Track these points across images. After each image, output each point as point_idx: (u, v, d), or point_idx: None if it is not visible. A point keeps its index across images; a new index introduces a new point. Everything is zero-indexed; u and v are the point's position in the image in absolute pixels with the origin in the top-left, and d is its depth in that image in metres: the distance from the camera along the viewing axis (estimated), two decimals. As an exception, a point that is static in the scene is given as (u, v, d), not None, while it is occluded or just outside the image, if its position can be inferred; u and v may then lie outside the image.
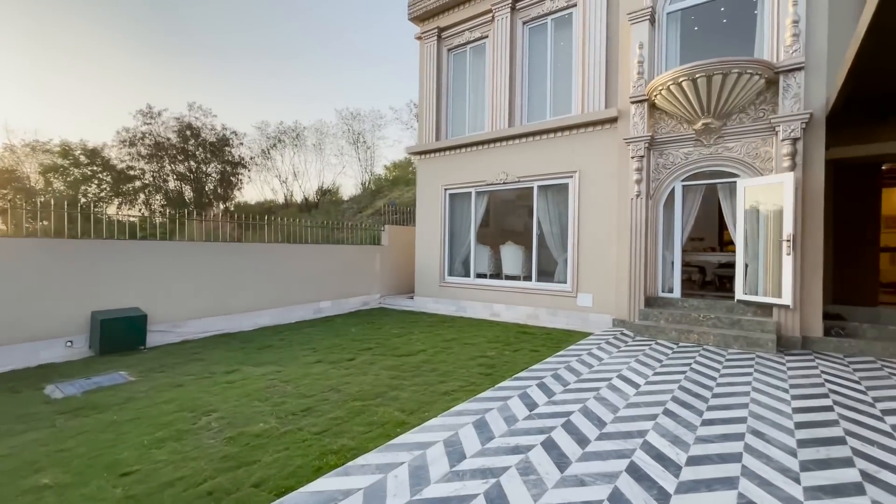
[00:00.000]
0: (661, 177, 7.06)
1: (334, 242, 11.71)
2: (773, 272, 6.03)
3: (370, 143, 33.56)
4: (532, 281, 8.64)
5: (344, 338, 6.96)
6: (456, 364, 5.36)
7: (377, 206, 20.81)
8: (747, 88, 6.05)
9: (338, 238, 14.57)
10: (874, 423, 3.46)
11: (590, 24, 7.82)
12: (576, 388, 4.30)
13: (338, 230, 14.02)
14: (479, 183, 9.25)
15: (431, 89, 10.01)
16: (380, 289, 10.87)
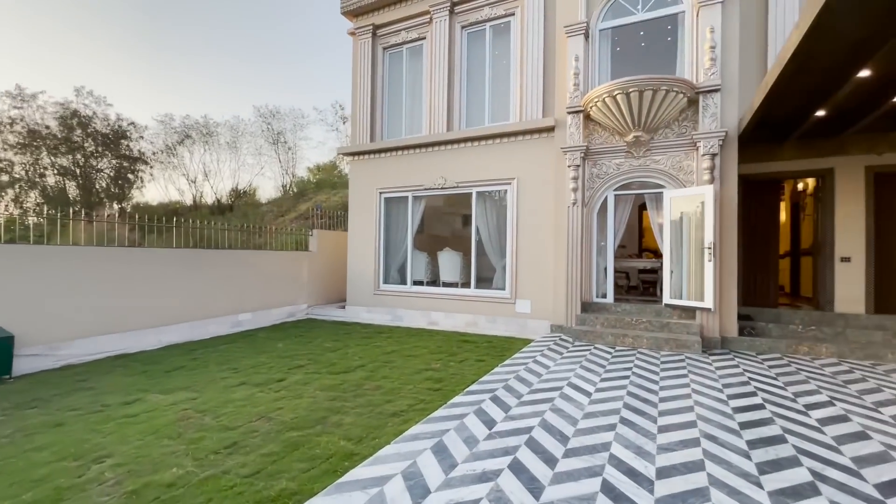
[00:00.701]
0: (595, 186, 7.30)
1: (255, 248, 10.70)
2: (696, 278, 6.46)
3: (292, 143, 31.71)
4: (471, 288, 8.50)
5: (270, 354, 6.23)
6: (401, 380, 4.97)
7: (301, 210, 19.61)
8: (673, 105, 6.46)
9: (258, 243, 13.40)
10: (802, 419, 3.70)
11: (528, 33, 7.92)
12: (530, 401, 4.14)
13: (258, 234, 12.88)
14: (417, 187, 8.95)
15: (365, 88, 9.54)
16: (307, 298, 10.08)
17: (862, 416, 3.78)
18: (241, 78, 45.40)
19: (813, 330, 6.26)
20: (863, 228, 6.37)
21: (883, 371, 5.20)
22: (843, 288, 6.47)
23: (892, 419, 3.71)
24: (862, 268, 6.37)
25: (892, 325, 6.10)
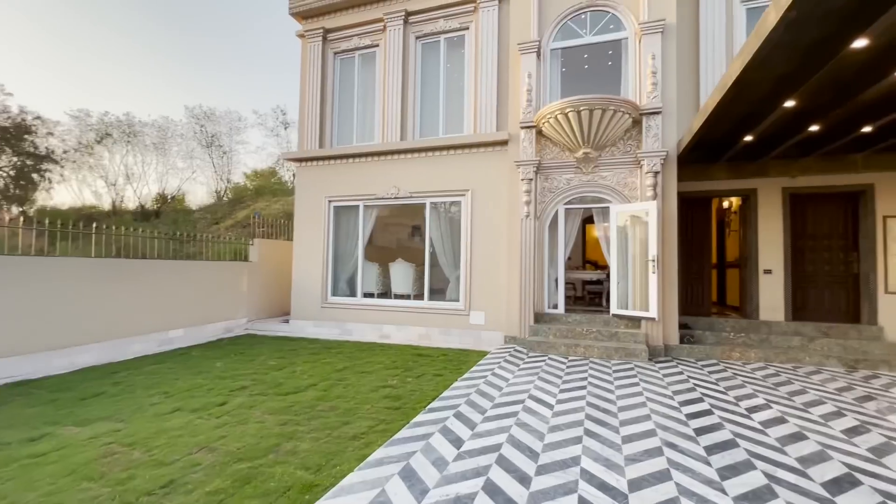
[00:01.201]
0: (547, 199, 7.49)
1: (187, 258, 9.83)
2: (641, 289, 6.79)
3: (227, 147, 30.02)
4: (424, 300, 8.35)
5: (207, 375, 5.66)
6: (357, 399, 4.69)
7: (239, 218, 18.46)
8: (619, 124, 6.80)
9: (190, 253, 12.37)
10: (747, 423, 3.94)
11: (482, 48, 8.04)
12: (495, 416, 4.06)
13: (191, 243, 11.91)
14: (369, 196, 8.70)
15: (315, 93, 9.18)
16: (247, 312, 9.39)
17: (796, 417, 4.09)
18: (174, 77, 42.41)
19: (742, 336, 6.79)
20: (781, 244, 7.06)
21: (803, 373, 5.72)
22: (766, 297, 7.11)
23: (821, 419, 4.04)
24: (781, 279, 7.05)
25: (807, 330, 6.78)
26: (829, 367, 6.02)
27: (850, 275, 6.97)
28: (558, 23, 7.62)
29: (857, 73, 3.97)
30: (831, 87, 4.31)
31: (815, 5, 3.01)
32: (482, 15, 8.07)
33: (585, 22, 7.53)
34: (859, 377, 5.59)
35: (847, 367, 6.00)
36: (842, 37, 3.39)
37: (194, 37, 43.39)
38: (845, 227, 7.03)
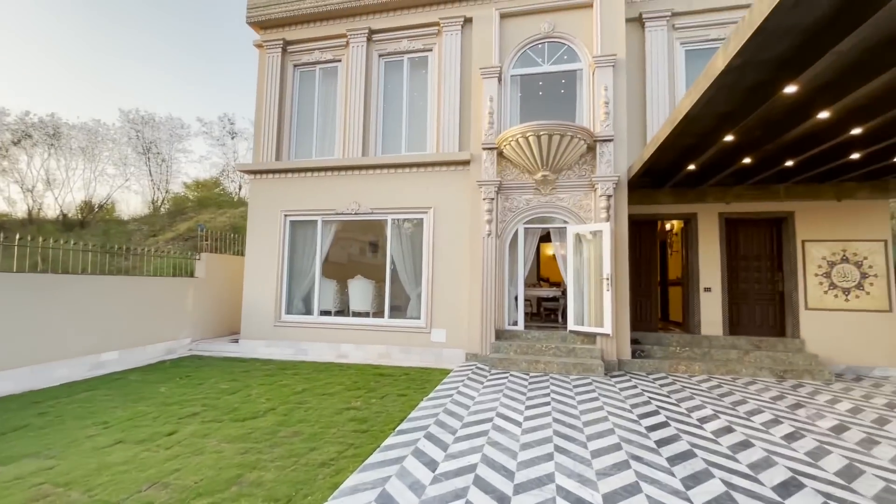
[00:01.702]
0: (507, 219, 7.70)
1: (120, 272, 9.09)
2: (596, 306, 7.10)
3: (167, 155, 28.30)
4: (385, 317, 8.22)
5: (150, 402, 5.19)
6: (321, 423, 4.50)
7: (181, 230, 17.31)
8: (575, 149, 7.17)
9: (124, 267, 11.44)
10: (700, 433, 4.20)
11: (445, 69, 8.23)
12: (465, 435, 4.05)
13: (124, 257, 11.06)
14: (328, 211, 8.50)
15: (272, 105, 8.92)
16: (192, 332, 8.76)
17: (741, 425, 4.41)
18: (110, 79, 39.51)
19: (687, 350, 7.27)
20: (718, 263, 7.69)
21: (742, 384, 6.20)
22: (707, 313, 7.68)
23: (762, 427, 4.39)
24: (719, 297, 7.65)
25: (742, 344, 7.38)
26: (762, 378, 6.57)
27: (777, 293, 7.71)
28: (518, 51, 7.97)
29: (785, 114, 4.48)
30: (763, 126, 4.82)
31: (756, 54, 3.38)
32: (446, 38, 8.28)
33: (543, 52, 7.94)
34: (788, 386, 6.14)
35: (777, 377, 6.58)
36: (776, 82, 3.82)
37: (135, 37, 40.82)
38: (771, 250, 7.79)
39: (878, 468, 3.45)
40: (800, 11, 2.87)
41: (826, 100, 4.11)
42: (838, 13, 2.90)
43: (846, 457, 3.66)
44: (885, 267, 7.09)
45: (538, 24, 7.87)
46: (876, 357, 7.02)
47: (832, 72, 3.60)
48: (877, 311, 7.06)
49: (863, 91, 3.87)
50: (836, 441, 4.04)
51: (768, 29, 3.04)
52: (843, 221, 7.27)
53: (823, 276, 7.26)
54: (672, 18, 7.94)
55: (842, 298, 7.17)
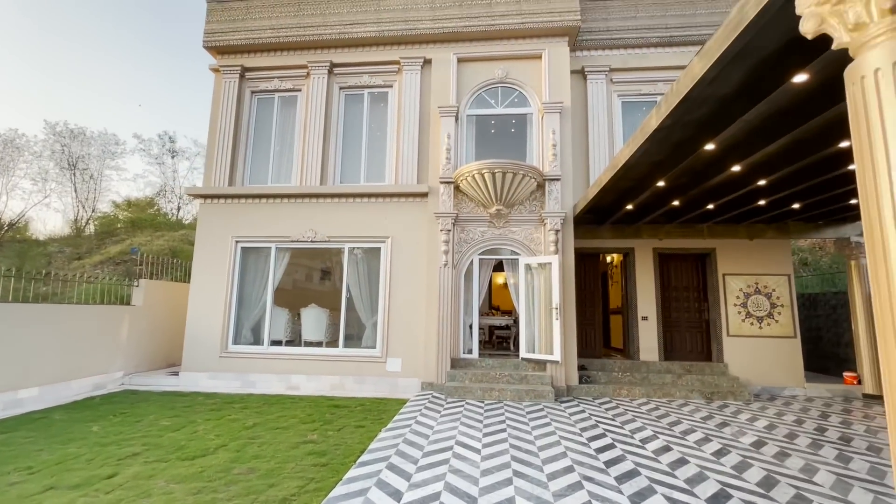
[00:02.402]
0: (463, 250, 8.00)
1: (38, 300, 8.32)
2: (546, 334, 7.48)
3: (96, 172, 26.55)
4: (339, 347, 8.11)
5: (82, 443, 4.78)
6: (277, 458, 4.37)
7: (111, 253, 16.06)
8: (527, 187, 7.69)
9: (42, 293, 10.44)
10: (642, 452, 4.55)
11: (405, 105, 8.57)
12: (427, 465, 4.12)
13: (42, 282, 10.12)
14: (283, 238, 8.38)
15: (227, 129, 8.78)
16: (124, 364, 8.12)
17: (677, 444, 4.83)
18: (37, 88, 36.47)
19: (628, 375, 7.80)
20: (654, 294, 8.41)
21: (676, 406, 6.75)
22: (645, 340, 8.31)
23: (695, 444, 4.84)
24: (655, 325, 8.33)
25: (675, 368, 8.03)
26: (693, 400, 7.18)
27: (703, 321, 8.53)
28: (474, 93, 8.51)
29: (705, 165, 5.17)
30: (689, 174, 5.51)
31: (682, 117, 3.95)
32: (406, 76, 8.67)
33: (497, 95, 8.54)
34: (715, 406, 6.77)
35: (706, 398, 7.23)
36: (697, 140, 4.45)
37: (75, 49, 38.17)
38: (698, 282, 8.66)
39: (791, 478, 3.93)
40: (714, 86, 3.44)
41: (737, 156, 4.82)
42: (743, 90, 3.51)
43: (765, 469, 4.14)
44: (790, 298, 8.10)
45: (492, 70, 8.48)
46: (785, 378, 7.91)
47: (741, 134, 4.27)
48: (784, 337, 8.00)
49: (765, 151, 4.59)
50: (756, 455, 4.54)
51: (691, 98, 3.60)
52: (755, 258, 8.28)
53: (741, 305, 8.16)
54: (610, 73, 8.86)
55: (756, 326, 8.08)
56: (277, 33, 8.80)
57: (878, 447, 4.90)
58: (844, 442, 5.08)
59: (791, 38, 2.77)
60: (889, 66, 1.61)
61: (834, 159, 4.83)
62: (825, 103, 3.60)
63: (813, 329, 9.75)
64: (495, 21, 8.36)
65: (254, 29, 8.87)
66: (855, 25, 1.71)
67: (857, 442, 5.09)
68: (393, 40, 8.68)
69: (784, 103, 3.68)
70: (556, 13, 8.23)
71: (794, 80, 3.21)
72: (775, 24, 2.63)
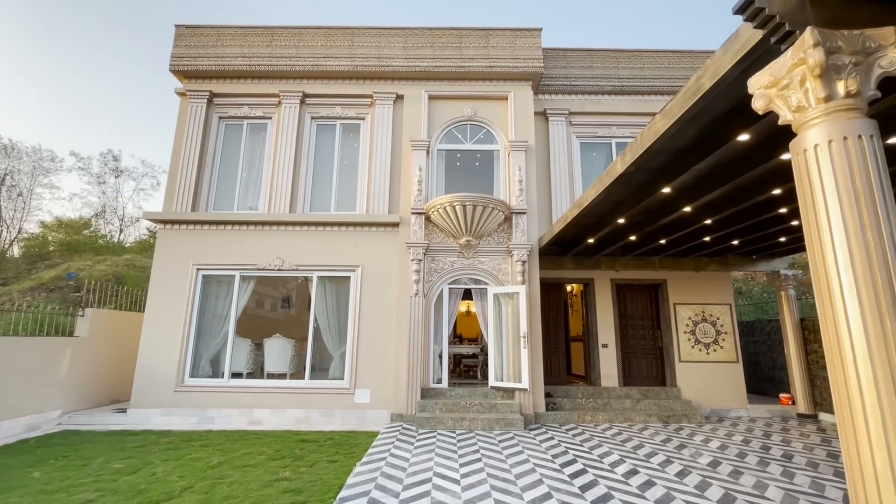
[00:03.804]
0: (434, 279, 8.15)
1: None
2: (514, 362, 7.69)
3: (26, 189, 24.70)
4: (305, 379, 7.89)
5: (23, 490, 4.33)
6: (251, 497, 4.18)
7: (44, 279, 14.76)
8: (495, 219, 8.03)
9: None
10: (612, 476, 4.77)
11: (377, 137, 8.77)
12: (409, 497, 4.11)
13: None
14: (248, 266, 8.17)
15: (192, 154, 8.57)
16: (62, 402, 7.44)
17: (643, 467, 5.11)
18: (-51, 93, 33.48)
19: (591, 401, 8.12)
20: (612, 323, 8.90)
21: (637, 430, 7.10)
22: (605, 367, 8.72)
23: (659, 466, 5.13)
24: (614, 352, 8.79)
25: (633, 394, 8.45)
26: (652, 424, 7.58)
27: (658, 347, 9.09)
28: (444, 129, 8.88)
29: (661, 205, 5.70)
30: (645, 213, 6.04)
31: (644, 164, 4.41)
32: (378, 109, 8.92)
33: (466, 132, 8.95)
34: (672, 429, 7.18)
35: (663, 421, 7.65)
36: (655, 184, 4.94)
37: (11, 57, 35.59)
38: (652, 310, 9.26)
39: (746, 494, 4.28)
40: (673, 140, 3.90)
41: (688, 198, 5.37)
42: (696, 144, 4.00)
43: (723, 487, 4.47)
44: (732, 325, 8.85)
45: (462, 108, 8.92)
46: (730, 401, 8.54)
47: (693, 181, 4.80)
48: (728, 362, 8.68)
49: (712, 195, 5.15)
50: (713, 475, 4.88)
51: (652, 149, 4.04)
52: (701, 288, 9.01)
53: (690, 333, 8.80)
54: (569, 116, 9.56)
55: (704, 352, 8.72)
56: (249, 61, 8.83)
57: (814, 463, 5.41)
58: (787, 459, 5.57)
59: (736, 106, 3.26)
60: (825, 143, 2.00)
61: (767, 204, 5.49)
62: (762, 158, 4.16)
63: (752, 354, 10.61)
64: (465, 63, 8.86)
65: (224, 56, 8.85)
66: (797, 108, 2.10)
67: (797, 458, 5.60)
68: (366, 75, 8.95)
69: (729, 156, 4.21)
70: (520, 59, 8.86)
71: (738, 139, 3.72)
72: (725, 95, 3.08)
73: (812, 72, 2.02)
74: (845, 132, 1.98)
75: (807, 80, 2.06)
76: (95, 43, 39.43)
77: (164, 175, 23.74)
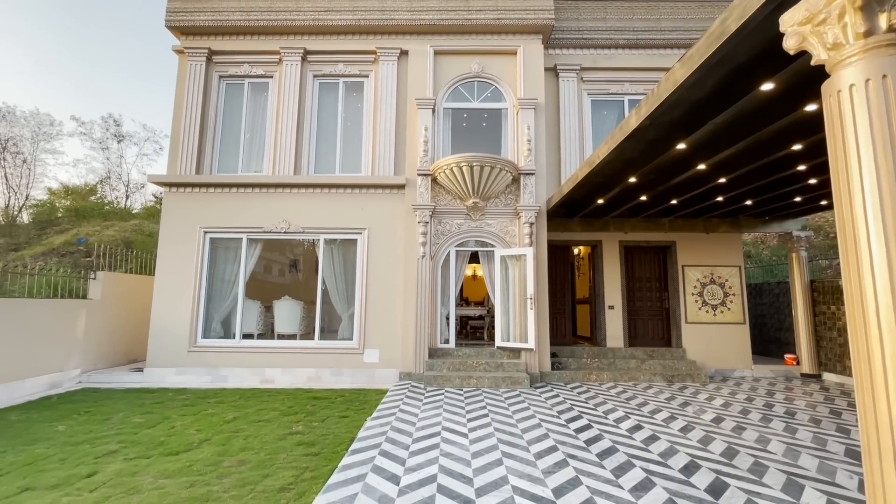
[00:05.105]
0: (441, 241, 8.11)
1: None
2: (520, 323, 7.76)
3: (29, 155, 24.62)
4: (315, 339, 8.04)
5: (50, 443, 4.53)
6: (266, 450, 4.34)
7: (54, 244, 14.93)
8: (503, 181, 7.88)
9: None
10: (617, 431, 4.88)
11: (381, 96, 8.51)
12: (418, 450, 4.24)
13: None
14: (255, 229, 8.16)
15: (193, 115, 8.39)
16: (81, 362, 7.68)
17: (648, 423, 5.21)
18: (-56, 56, 32.83)
19: (596, 361, 8.23)
20: (619, 284, 8.89)
21: (641, 388, 7.21)
22: (611, 328, 8.78)
23: (663, 422, 5.23)
24: (621, 313, 8.82)
25: (639, 354, 8.55)
26: (656, 383, 7.69)
27: (664, 309, 9.10)
28: (451, 86, 8.58)
29: (674, 164, 5.53)
30: (658, 171, 5.87)
31: (659, 118, 4.23)
32: (382, 66, 8.60)
33: (473, 89, 8.65)
34: (676, 388, 7.29)
35: (667, 380, 7.76)
36: (670, 140, 4.77)
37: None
38: (660, 272, 9.21)
39: (748, 447, 4.36)
40: (691, 91, 3.71)
41: (704, 155, 5.19)
42: (715, 95, 3.81)
43: (725, 441, 4.56)
44: (740, 287, 8.80)
45: (469, 64, 8.58)
46: (735, 361, 8.61)
47: (709, 136, 4.62)
48: (735, 324, 8.70)
49: (727, 152, 4.98)
50: (717, 430, 4.97)
51: (669, 101, 3.86)
52: (710, 250, 8.91)
53: (698, 294, 8.77)
54: (581, 72, 9.18)
55: (711, 314, 8.72)
56: (247, 16, 8.47)
57: (817, 419, 5.49)
58: (789, 416, 5.65)
59: (762, 52, 3.06)
60: (861, 82, 1.87)
61: (785, 160, 5.30)
62: (785, 109, 3.97)
63: (758, 316, 10.62)
64: (472, 15, 8.44)
65: (221, 10, 8.49)
66: (833, 45, 1.95)
67: (800, 415, 5.68)
68: (369, 29, 8.57)
69: (749, 109, 4.02)
70: (530, 10, 8.42)
71: (761, 88, 3.53)
72: (752, 38, 2.89)
73: (853, 3, 1.86)
74: (884, 70, 1.84)
75: (846, 13, 1.90)
76: (81, 2, 38.07)
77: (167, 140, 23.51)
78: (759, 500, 3.23)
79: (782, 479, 3.60)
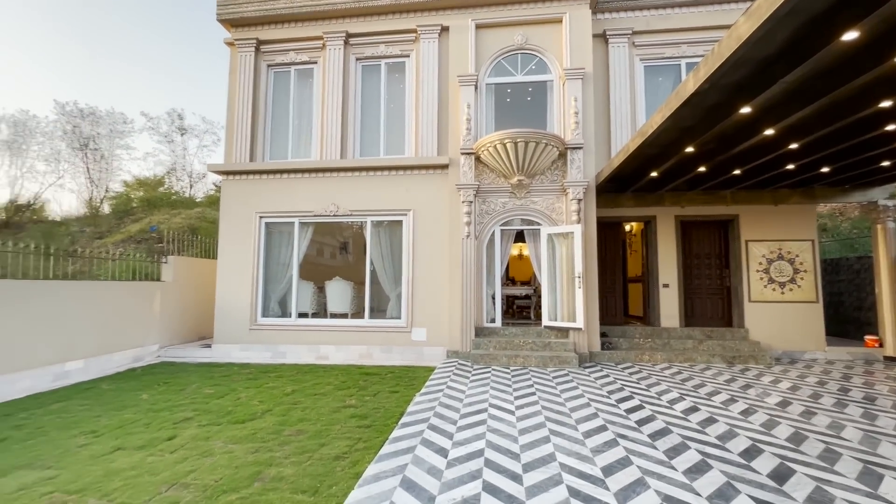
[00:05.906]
0: (485, 221, 8.05)
1: (66, 278, 8.53)
2: (568, 302, 7.60)
3: (107, 151, 26.76)
4: (365, 318, 8.32)
5: (136, 409, 5.06)
6: (322, 421, 4.61)
7: (131, 231, 16.35)
8: (548, 156, 7.64)
9: (70, 271, 10.72)
10: (671, 412, 4.71)
11: (423, 75, 8.45)
12: (466, 425, 4.32)
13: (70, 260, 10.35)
14: (305, 213, 8.48)
15: (246, 105, 8.77)
16: (159, 338, 8.44)
17: (704, 405, 4.99)
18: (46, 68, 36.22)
19: (649, 342, 7.93)
20: (675, 262, 8.44)
21: (699, 370, 6.89)
22: (665, 307, 8.40)
23: (722, 405, 4.98)
24: (676, 292, 8.40)
25: (696, 334, 8.14)
26: (715, 364, 7.32)
27: (724, 287, 8.57)
28: (493, 61, 8.35)
29: (737, 130, 5.10)
30: (718, 139, 5.45)
31: (720, 79, 3.90)
32: (423, 45, 8.51)
33: (517, 62, 8.37)
34: (737, 370, 6.90)
35: (727, 362, 7.36)
36: (733, 104, 4.39)
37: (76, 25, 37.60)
38: (720, 249, 8.65)
39: (818, 433, 4.07)
40: (758, 47, 3.38)
41: (772, 119, 4.74)
42: (787, 50, 3.44)
43: (792, 426, 4.28)
44: (813, 263, 8.09)
45: (512, 36, 8.29)
46: (806, 343, 7.99)
47: (779, 97, 4.20)
48: (806, 302, 8.04)
49: (800, 114, 4.51)
50: (782, 414, 4.67)
51: (732, 60, 3.54)
52: (778, 223, 8.22)
53: (763, 272, 8.17)
54: (633, 36, 8.61)
55: (778, 292, 8.11)
56: (291, 4, 8.63)
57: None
58: (869, 401, 5.20)
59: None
60: (968, 21, 1.60)
61: (870, 120, 4.74)
62: (870, 63, 3.52)
63: (834, 294, 9.75)
64: (514, -17, 8.10)
65: (267, 0, 8.70)
66: (932, -21, 1.69)
67: (882, 401, 5.21)
68: (409, 7, 8.47)
69: (827, 63, 3.61)
70: (577, -27, 7.95)
71: (842, 39, 3.14)
72: (832, -20, 2.57)
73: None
74: None
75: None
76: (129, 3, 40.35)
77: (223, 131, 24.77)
78: (829, 488, 3.02)
79: (858, 468, 3.34)
